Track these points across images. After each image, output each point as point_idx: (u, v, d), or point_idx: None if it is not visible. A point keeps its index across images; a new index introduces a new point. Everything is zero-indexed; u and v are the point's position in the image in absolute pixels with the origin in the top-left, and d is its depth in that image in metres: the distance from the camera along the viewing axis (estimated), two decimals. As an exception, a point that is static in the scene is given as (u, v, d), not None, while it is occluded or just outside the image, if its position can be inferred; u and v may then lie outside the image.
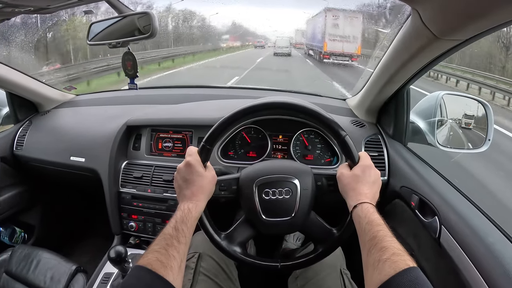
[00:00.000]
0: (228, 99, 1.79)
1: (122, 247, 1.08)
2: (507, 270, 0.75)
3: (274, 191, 0.95)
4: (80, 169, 1.57)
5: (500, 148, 5.17)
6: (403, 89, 1.28)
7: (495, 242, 0.84)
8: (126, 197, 1.47)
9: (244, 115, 0.94)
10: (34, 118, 1.85)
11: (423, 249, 1.14)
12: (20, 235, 1.88)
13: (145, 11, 1.15)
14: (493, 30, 0.78)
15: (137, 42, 1.21)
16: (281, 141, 1.47)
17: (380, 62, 1.23)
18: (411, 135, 1.38)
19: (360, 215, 0.81)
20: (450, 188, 1.12)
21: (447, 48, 0.94)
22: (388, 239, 0.71)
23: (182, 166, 0.90)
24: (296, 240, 1.74)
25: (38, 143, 1.73)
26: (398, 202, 1.28)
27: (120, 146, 1.50)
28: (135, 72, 1.28)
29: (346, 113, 1.64)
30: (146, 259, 0.70)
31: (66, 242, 2.12)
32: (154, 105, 1.75)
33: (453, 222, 0.95)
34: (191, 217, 0.82)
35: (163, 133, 1.54)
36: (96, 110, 1.84)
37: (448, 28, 0.83)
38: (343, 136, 0.91)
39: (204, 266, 1.08)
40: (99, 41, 1.30)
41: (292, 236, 1.75)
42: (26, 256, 1.43)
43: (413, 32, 0.94)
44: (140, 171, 1.47)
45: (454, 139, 1.38)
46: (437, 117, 1.29)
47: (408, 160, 1.29)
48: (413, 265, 0.64)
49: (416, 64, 1.09)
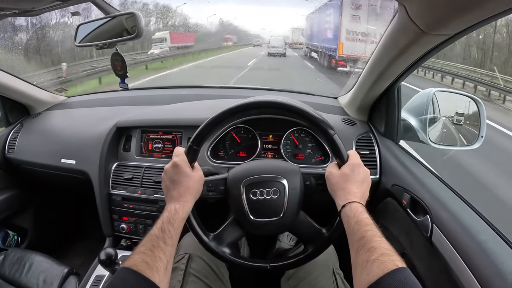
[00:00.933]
0: (219, 99, 1.78)
1: (112, 249, 1.07)
2: (499, 268, 0.75)
3: (262, 191, 0.94)
4: (70, 171, 1.56)
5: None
6: (393, 86, 1.27)
7: (487, 240, 0.84)
8: (116, 199, 1.46)
9: (230, 115, 0.93)
10: (26, 120, 1.84)
11: (415, 248, 1.13)
12: (13, 238, 1.88)
13: (132, 11, 1.13)
14: (481, 24, 0.77)
15: (125, 43, 1.20)
16: (272, 141, 1.46)
17: (370, 59, 1.23)
18: (403, 132, 1.37)
19: (349, 214, 0.80)
20: (442, 186, 1.11)
21: (436, 44, 0.94)
22: (377, 239, 0.70)
23: (169, 167, 0.90)
24: (289, 240, 1.73)
25: (30, 145, 1.72)
26: (390, 200, 1.27)
27: (110, 148, 1.49)
28: (125, 72, 1.27)
29: (338, 111, 1.64)
30: (131, 260, 0.69)
31: (59, 244, 2.11)
32: (144, 106, 1.75)
33: (444, 220, 0.94)
34: (178, 218, 0.82)
35: (153, 134, 1.53)
36: (87, 111, 1.84)
37: (435, 22, 0.82)
38: (331, 134, 0.91)
39: (194, 267, 1.07)
40: (86, 42, 1.28)
41: (285, 236, 1.74)
42: (18, 259, 1.43)
43: (401, 28, 0.93)
44: (130, 173, 1.46)
45: (446, 136, 1.37)
46: (429, 114, 1.28)
47: (399, 158, 1.28)
48: (402, 265, 0.63)
49: (405, 60, 1.08)
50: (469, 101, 1.31)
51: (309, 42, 20.85)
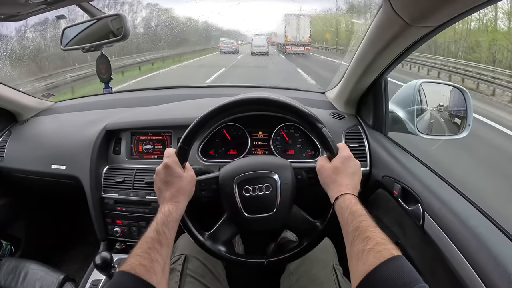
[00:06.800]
0: (207, 97, 1.78)
1: (107, 253, 1.07)
2: (491, 251, 0.76)
3: (254, 187, 0.95)
4: (61, 177, 1.55)
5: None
6: (380, 79, 1.29)
7: (478, 225, 0.85)
8: (109, 202, 1.45)
9: (219, 113, 0.93)
10: (14, 128, 1.81)
11: (408, 237, 1.15)
12: (6, 248, 1.85)
13: (117, 13, 1.13)
14: (464, 14, 0.78)
15: (111, 45, 1.20)
16: (261, 137, 1.47)
17: (356, 53, 1.24)
18: (391, 124, 1.38)
19: (342, 206, 0.81)
20: (432, 175, 1.13)
21: (420, 36, 0.95)
22: (371, 229, 0.71)
23: (160, 168, 0.90)
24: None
25: (19, 153, 1.69)
26: (381, 191, 1.28)
27: (100, 151, 1.48)
28: (109, 75, 1.25)
29: (326, 106, 1.65)
30: (128, 263, 0.69)
31: (54, 251, 2.09)
32: (133, 107, 1.74)
33: (435, 208, 0.95)
34: (172, 219, 0.82)
35: (142, 136, 1.53)
36: (75, 116, 1.81)
37: (419, 15, 0.83)
38: (320, 128, 0.91)
39: (190, 268, 1.07)
40: (73, 46, 1.27)
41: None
42: (13, 268, 1.41)
43: (386, 21, 0.94)
44: (121, 175, 1.45)
45: (434, 126, 1.39)
46: (416, 106, 1.30)
47: (389, 150, 1.30)
48: (397, 253, 0.64)
49: (391, 53, 1.09)
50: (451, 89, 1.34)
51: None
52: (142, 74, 13.18)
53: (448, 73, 12.00)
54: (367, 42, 1.12)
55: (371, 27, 1.05)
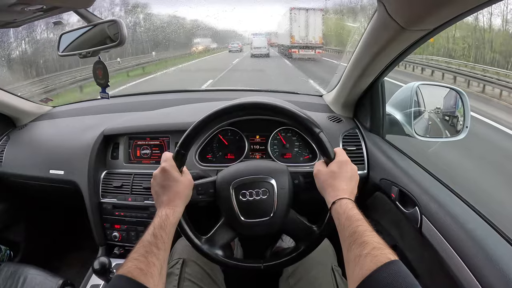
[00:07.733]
0: (204, 102, 1.78)
1: (105, 258, 1.07)
2: (489, 254, 0.76)
3: (251, 192, 0.95)
4: (59, 182, 1.54)
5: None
6: (377, 81, 1.29)
7: (476, 228, 0.85)
8: (107, 207, 1.45)
9: (217, 118, 0.93)
10: (12, 133, 1.81)
11: (406, 240, 1.14)
12: (5, 253, 1.85)
13: (114, 19, 1.13)
14: (458, 18, 0.79)
15: (108, 50, 1.20)
16: (259, 141, 1.47)
17: (352, 56, 1.24)
18: (388, 127, 1.38)
19: (339, 211, 0.81)
20: (429, 178, 1.13)
21: (415, 39, 0.95)
22: (368, 234, 0.71)
23: (157, 172, 0.90)
24: (291, 241, 1.72)
25: (17, 158, 1.69)
26: (379, 194, 1.28)
27: (98, 156, 1.48)
28: (106, 81, 1.26)
29: (323, 109, 1.65)
30: (125, 267, 0.69)
31: (53, 256, 2.08)
32: (130, 112, 1.74)
33: (433, 211, 0.96)
34: (169, 223, 0.82)
35: (140, 141, 1.53)
36: (73, 121, 1.81)
37: (414, 18, 0.83)
38: (317, 133, 0.91)
39: (188, 272, 1.07)
40: (70, 51, 1.27)
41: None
42: (12, 273, 1.40)
43: (381, 25, 0.94)
44: (119, 180, 1.45)
45: (432, 128, 1.39)
46: (413, 108, 1.30)
47: (386, 152, 1.30)
48: (394, 258, 0.64)
49: (386, 56, 1.10)
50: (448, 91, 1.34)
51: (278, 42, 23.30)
52: (146, 75, 13.55)
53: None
54: (363, 46, 1.12)
55: (367, 31, 1.05)
